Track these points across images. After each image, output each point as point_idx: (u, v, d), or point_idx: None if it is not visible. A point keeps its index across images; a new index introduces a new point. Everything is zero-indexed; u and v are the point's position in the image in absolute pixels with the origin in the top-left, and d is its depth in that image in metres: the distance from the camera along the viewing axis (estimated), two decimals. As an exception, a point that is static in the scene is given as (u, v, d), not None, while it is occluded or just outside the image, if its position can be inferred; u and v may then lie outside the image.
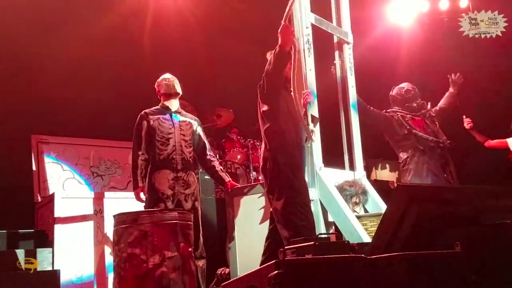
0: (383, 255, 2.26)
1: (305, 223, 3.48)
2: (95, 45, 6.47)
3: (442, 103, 5.46)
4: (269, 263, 2.03)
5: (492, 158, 6.31)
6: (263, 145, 3.82)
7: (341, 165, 4.55)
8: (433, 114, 5.30)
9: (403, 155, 5.11)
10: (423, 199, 2.46)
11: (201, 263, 4.30)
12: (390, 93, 5.38)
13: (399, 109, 5.24)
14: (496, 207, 2.69)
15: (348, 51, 4.73)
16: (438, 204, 2.49)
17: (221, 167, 4.81)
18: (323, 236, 2.91)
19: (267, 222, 3.98)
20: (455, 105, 5.50)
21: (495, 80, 7.36)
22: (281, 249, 2.06)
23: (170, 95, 4.50)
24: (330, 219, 3.96)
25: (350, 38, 4.75)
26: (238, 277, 2.31)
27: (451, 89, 5.51)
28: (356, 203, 4.10)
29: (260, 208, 4.35)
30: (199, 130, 4.62)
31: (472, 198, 2.64)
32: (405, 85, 5.33)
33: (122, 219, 3.26)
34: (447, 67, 7.63)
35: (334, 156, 4.57)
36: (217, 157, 6.27)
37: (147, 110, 4.47)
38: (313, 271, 2.05)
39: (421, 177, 4.97)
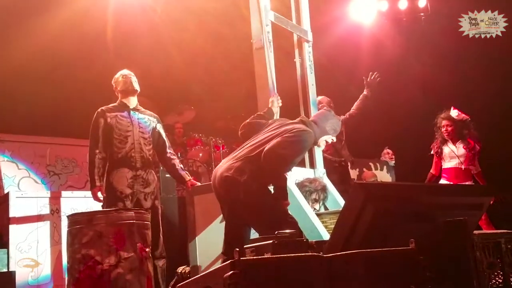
0: (339, 253, 2.28)
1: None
2: (52, 40, 6.30)
3: (353, 108, 5.29)
4: (225, 263, 2.01)
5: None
6: (240, 153, 3.48)
7: (301, 163, 4.56)
8: (342, 129, 5.03)
9: None
10: (379, 196, 2.49)
11: (161, 263, 4.25)
12: None
13: None
14: (450, 204, 2.75)
15: (308, 49, 4.76)
16: (393, 202, 2.52)
17: (182, 166, 4.74)
18: (282, 234, 2.90)
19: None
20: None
21: (454, 79, 7.54)
22: (237, 249, 2.03)
23: (128, 92, 4.39)
24: (290, 216, 3.96)
25: (309, 37, 4.78)
26: (193, 278, 2.28)
27: (365, 92, 5.29)
28: (316, 200, 4.11)
29: (221, 207, 4.32)
30: (159, 127, 4.54)
31: (426, 195, 2.69)
32: (321, 98, 5.12)
33: (76, 219, 3.18)
34: (406, 66, 7.81)
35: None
36: (178, 155, 6.20)
37: (104, 108, 4.36)
38: (269, 270, 2.04)
39: None
